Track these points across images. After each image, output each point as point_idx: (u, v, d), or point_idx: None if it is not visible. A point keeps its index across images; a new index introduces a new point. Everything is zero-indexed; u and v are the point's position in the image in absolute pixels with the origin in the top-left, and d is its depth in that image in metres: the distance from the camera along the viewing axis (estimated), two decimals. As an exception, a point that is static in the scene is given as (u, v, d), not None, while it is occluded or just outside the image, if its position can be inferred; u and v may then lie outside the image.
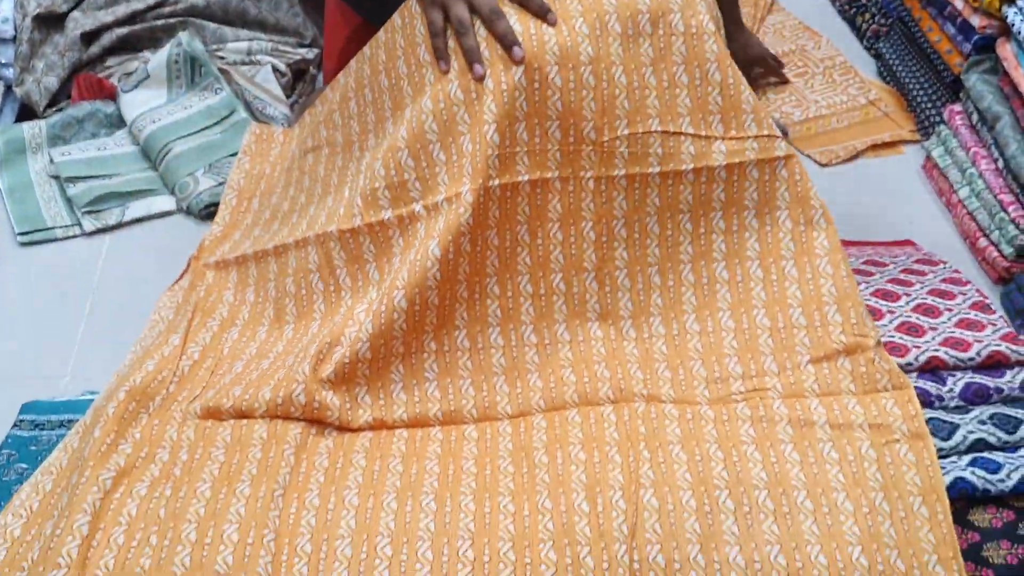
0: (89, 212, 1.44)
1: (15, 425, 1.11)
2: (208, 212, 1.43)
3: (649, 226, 1.10)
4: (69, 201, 1.47)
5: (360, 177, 1.12)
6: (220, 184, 1.45)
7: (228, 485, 0.96)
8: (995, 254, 1.35)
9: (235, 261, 1.26)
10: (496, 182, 1.05)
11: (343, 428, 1.05)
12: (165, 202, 1.48)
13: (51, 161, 1.52)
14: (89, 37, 1.65)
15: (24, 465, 1.05)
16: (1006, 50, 1.42)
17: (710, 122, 1.08)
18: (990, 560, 0.90)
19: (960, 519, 0.93)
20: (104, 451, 0.97)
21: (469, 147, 1.04)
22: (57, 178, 1.51)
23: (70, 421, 1.08)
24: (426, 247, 1.04)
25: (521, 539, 0.92)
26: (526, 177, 1.07)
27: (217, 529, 0.91)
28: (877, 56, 1.84)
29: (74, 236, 1.43)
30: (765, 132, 1.08)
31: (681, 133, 1.07)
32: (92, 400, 1.07)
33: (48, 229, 1.44)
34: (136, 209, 1.46)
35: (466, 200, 1.04)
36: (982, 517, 0.93)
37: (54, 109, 1.62)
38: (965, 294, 1.16)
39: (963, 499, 0.94)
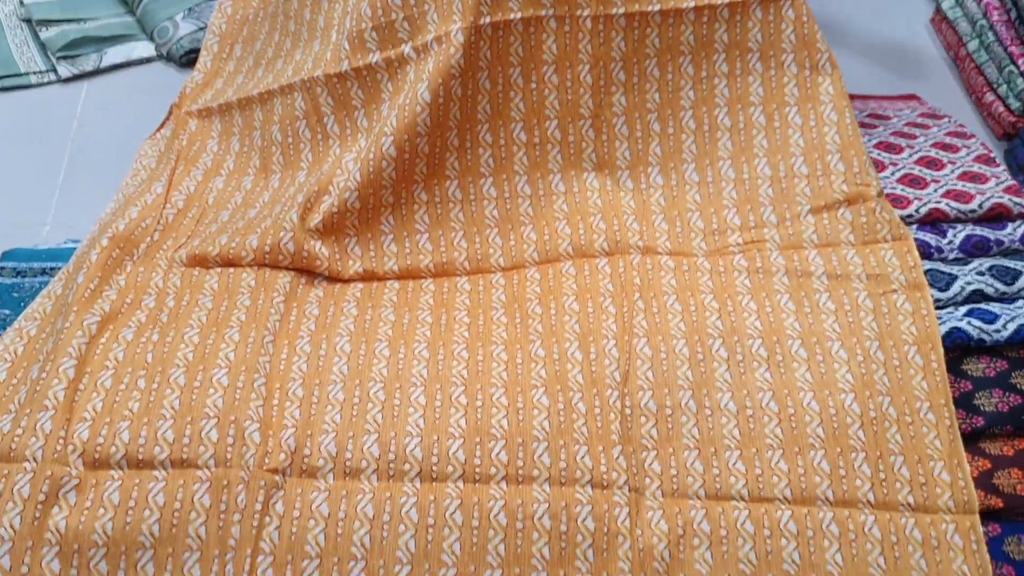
0: (64, 57, 1.38)
1: (-2, 273, 1.09)
2: (189, 59, 1.38)
3: (649, 69, 1.06)
4: (43, 46, 1.40)
5: (347, 19, 1.07)
6: (200, 29, 1.38)
7: (216, 331, 0.95)
8: (1001, 109, 1.31)
9: (218, 109, 1.22)
10: (487, 20, 1.00)
11: (333, 279, 1.03)
12: (144, 48, 1.42)
13: (21, 3, 1.45)
14: None
15: (7, 311, 1.03)
16: None
17: None
18: (981, 408, 0.91)
19: (954, 368, 0.93)
20: (88, 296, 0.95)
21: None
22: (28, 22, 1.44)
23: (52, 269, 1.06)
24: (415, 91, 1.00)
25: (513, 385, 0.91)
26: (519, 15, 1.02)
27: (206, 373, 0.90)
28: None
29: (49, 83, 1.38)
30: None
31: None
32: (74, 248, 1.05)
33: (22, 75, 1.38)
34: (114, 55, 1.40)
35: (456, 40, 0.99)
36: (975, 367, 0.93)
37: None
38: (969, 147, 1.13)
39: (958, 349, 0.94)
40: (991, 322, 0.93)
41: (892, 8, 1.56)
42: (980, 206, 1.01)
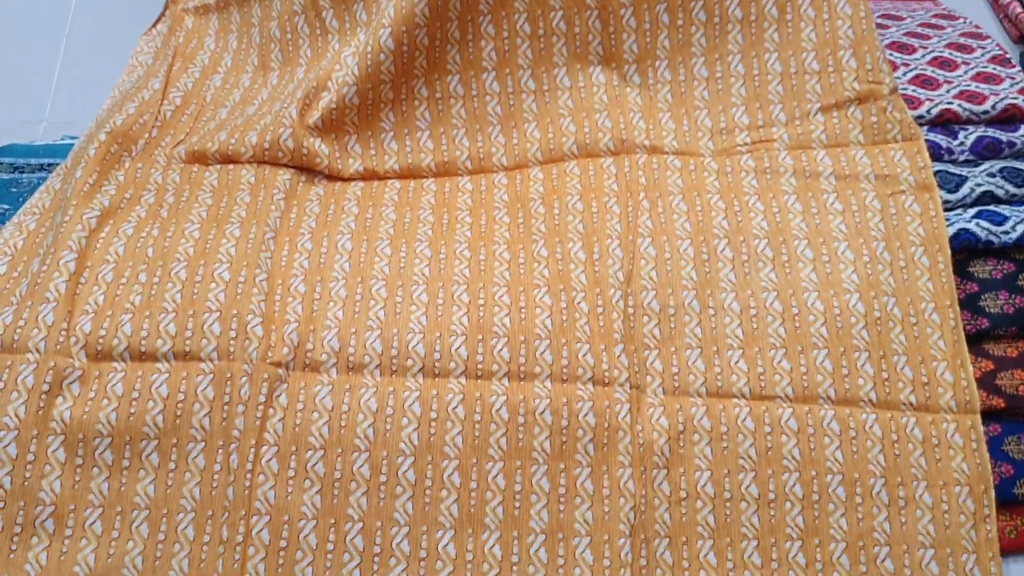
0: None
1: (-6, 169, 1.08)
2: (184, -46, 1.33)
3: None
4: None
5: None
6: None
7: (217, 227, 0.94)
8: (1019, 10, 1.28)
9: (215, 6, 1.19)
10: None
11: (333, 176, 1.02)
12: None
13: None
14: None
15: (6, 206, 1.02)
16: None
17: None
18: (986, 309, 0.90)
19: (960, 270, 0.92)
20: (87, 191, 0.94)
21: None
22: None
23: (50, 164, 1.04)
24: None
25: (516, 284, 0.91)
26: None
27: (207, 268, 0.89)
28: None
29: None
30: None
31: None
32: (72, 144, 1.03)
33: (13, -30, 1.34)
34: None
35: None
36: (982, 268, 0.92)
37: None
38: (984, 48, 1.11)
39: (965, 250, 0.93)
40: (1000, 224, 0.92)
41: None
42: (993, 107, 0.99)
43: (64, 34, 1.28)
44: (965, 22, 1.20)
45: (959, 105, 0.99)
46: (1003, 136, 0.98)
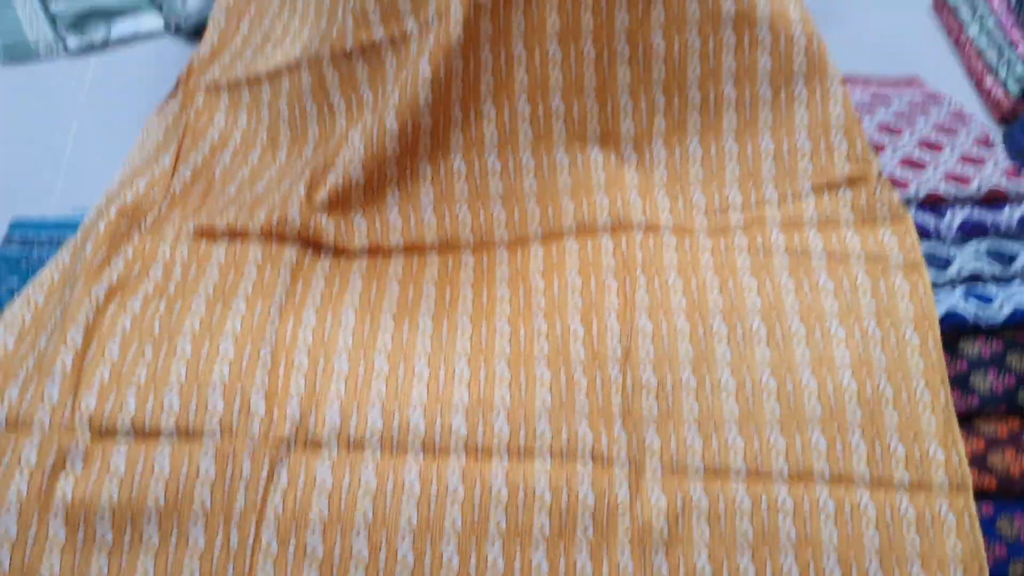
0: (73, 30, 1.38)
1: (4, 243, 1.09)
2: (196, 32, 1.38)
3: (654, 44, 1.06)
4: (53, 19, 1.40)
5: (350, -4, 1.07)
6: (209, 2, 1.38)
7: (223, 302, 0.96)
8: (1000, 93, 1.32)
9: (227, 85, 1.22)
10: None
11: (339, 251, 1.04)
12: (152, 21, 1.42)
13: (31, -25, 1.45)
14: None
15: (14, 278, 1.04)
16: None
17: None
18: (976, 388, 0.92)
19: (950, 348, 0.94)
20: (96, 267, 0.96)
21: None
22: (38, -7, 1.44)
23: (60, 239, 1.07)
24: (416, 65, 1.01)
25: (516, 358, 0.92)
26: None
27: (212, 344, 0.91)
28: None
29: (59, 56, 1.38)
30: None
31: None
32: (82, 219, 1.06)
33: (31, 47, 1.38)
34: (122, 28, 1.40)
35: (456, 15, 1.00)
36: (971, 347, 0.94)
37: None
38: (969, 129, 1.14)
39: (954, 329, 0.95)
40: (988, 303, 0.94)
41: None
42: (978, 189, 1.02)
43: (77, 108, 1.31)
44: (950, 103, 1.24)
45: (945, 187, 1.02)
46: (988, 217, 1.01)
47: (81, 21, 1.39)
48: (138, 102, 1.27)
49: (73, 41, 1.38)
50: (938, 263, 0.98)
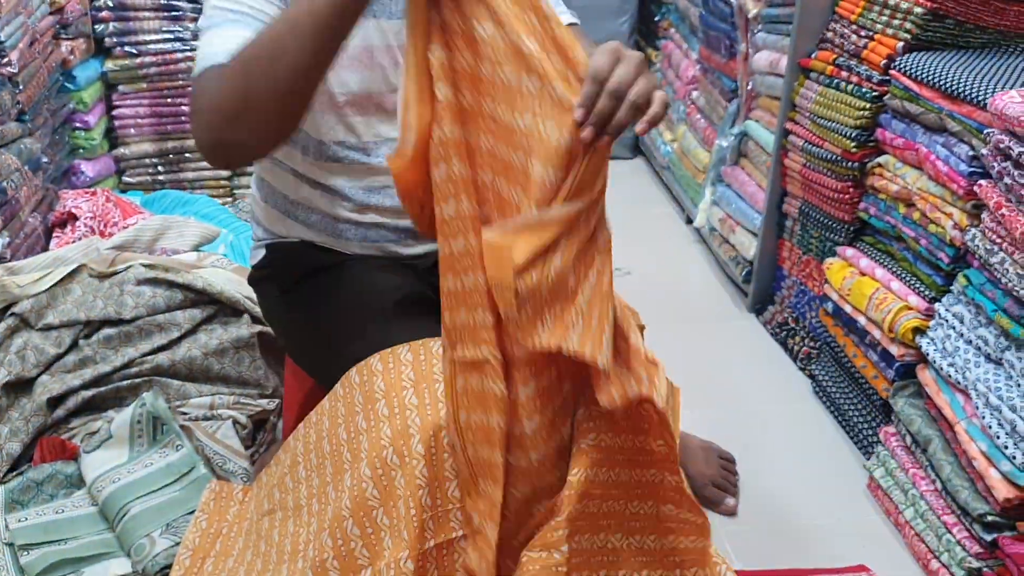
0: (41, 584, 1.42)
1: None
2: (164, 574, 1.42)
3: None
4: (22, 571, 1.45)
5: (309, 548, 1.14)
6: (176, 544, 1.44)
7: None
8: (948, 578, 1.36)
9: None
10: (431, 543, 1.07)
11: None
12: (121, 565, 1.46)
13: (6, 528, 1.52)
14: (55, 400, 1.70)
15: None
16: (926, 376, 1.51)
17: None
18: None
19: None
20: None
21: (403, 511, 1.07)
22: (11, 545, 1.50)
23: None
24: None
25: None
26: (461, 533, 1.09)
27: None
28: (811, 377, 1.95)
29: (27, 619, 1.41)
30: None
31: None
32: None
33: (-3, 602, 1.41)
34: (91, 575, 1.44)
35: (406, 567, 1.05)
36: None
37: (15, 473, 1.64)
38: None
39: None
40: None
41: (829, 478, 1.67)
42: None
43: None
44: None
45: None
46: None
47: (49, 572, 1.43)
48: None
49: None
50: None
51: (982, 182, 1.39)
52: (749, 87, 2.31)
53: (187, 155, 2.91)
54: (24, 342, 1.75)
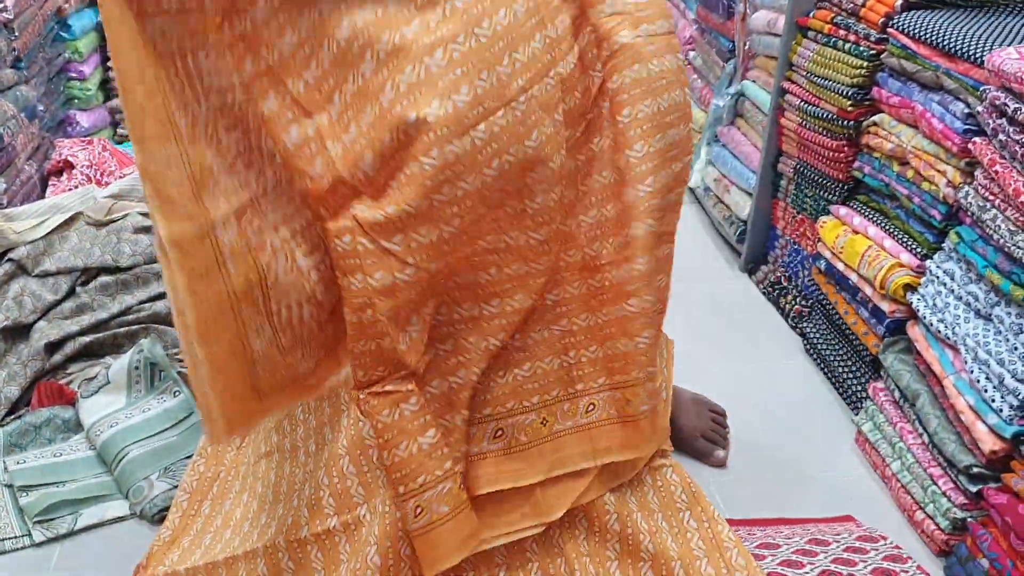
0: (40, 522, 1.44)
1: None
2: (161, 516, 1.44)
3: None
4: (21, 511, 1.47)
5: (306, 486, 1.16)
6: (174, 488, 1.46)
7: None
8: (933, 527, 1.38)
9: (185, 573, 1.26)
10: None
11: None
12: (119, 507, 1.49)
13: (5, 470, 1.54)
14: (52, 346, 1.72)
15: None
16: (916, 332, 1.53)
17: None
18: None
19: None
20: None
21: None
22: (10, 487, 1.52)
23: None
24: (365, 555, 1.06)
25: None
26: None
27: None
28: (802, 335, 1.97)
29: (23, 548, 1.42)
30: None
31: None
32: None
33: (-3, 542, 1.43)
34: (89, 516, 1.46)
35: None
36: None
37: (13, 416, 1.66)
38: (907, 571, 1.19)
39: None
40: None
41: (818, 432, 1.69)
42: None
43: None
44: (886, 543, 1.30)
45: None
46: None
47: (49, 513, 1.45)
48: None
49: (39, 534, 1.43)
50: None
51: (976, 139, 1.40)
52: (746, 47, 2.31)
53: (182, 108, 2.90)
54: (21, 288, 1.76)
